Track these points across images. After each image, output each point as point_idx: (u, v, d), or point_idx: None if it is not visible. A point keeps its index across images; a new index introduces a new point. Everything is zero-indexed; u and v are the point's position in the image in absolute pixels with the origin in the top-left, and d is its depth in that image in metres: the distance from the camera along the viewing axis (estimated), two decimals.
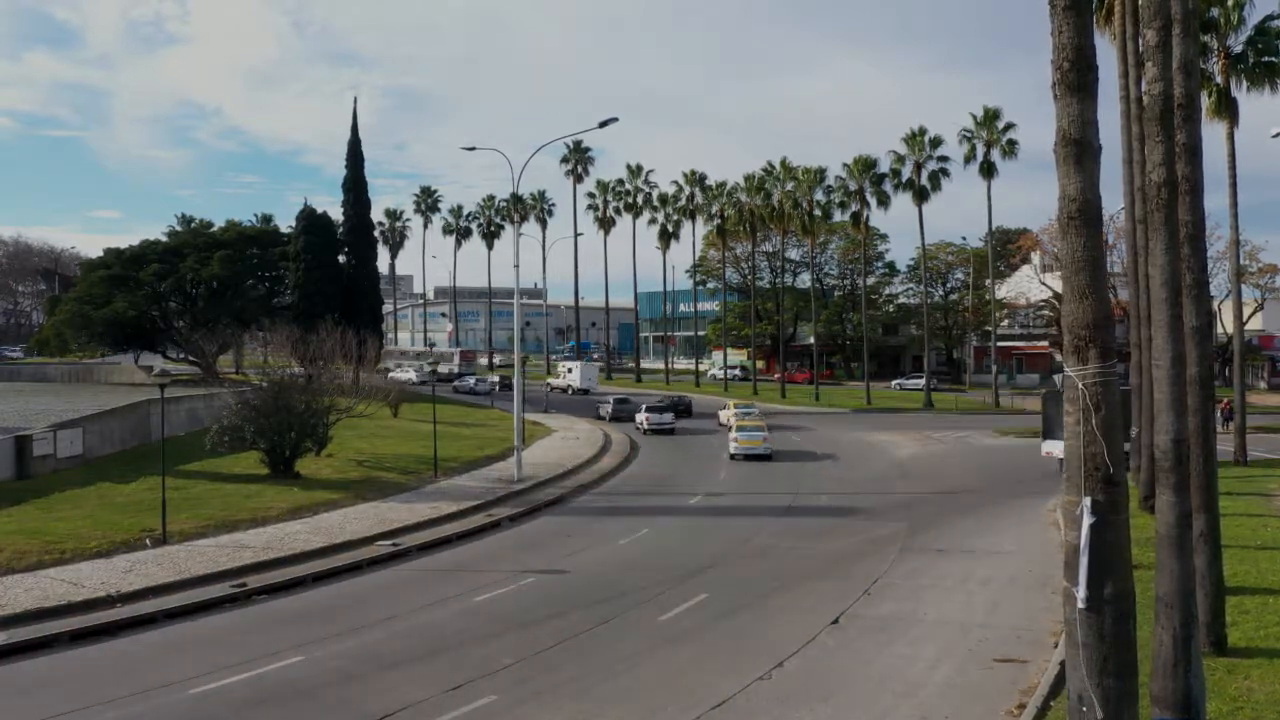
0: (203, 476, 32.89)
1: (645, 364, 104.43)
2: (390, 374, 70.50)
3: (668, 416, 53.09)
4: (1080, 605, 8.40)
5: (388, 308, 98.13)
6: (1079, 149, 8.39)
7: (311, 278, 68.62)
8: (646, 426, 52.14)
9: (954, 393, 77.69)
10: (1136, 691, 8.72)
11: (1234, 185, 34.33)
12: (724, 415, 54.62)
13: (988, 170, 65.71)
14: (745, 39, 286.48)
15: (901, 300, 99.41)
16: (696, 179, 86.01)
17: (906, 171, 69.21)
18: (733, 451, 42.46)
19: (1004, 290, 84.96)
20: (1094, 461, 8.33)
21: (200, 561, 22.19)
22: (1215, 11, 31.54)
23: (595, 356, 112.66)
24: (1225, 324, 62.73)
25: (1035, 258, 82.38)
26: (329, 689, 14.79)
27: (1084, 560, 8.35)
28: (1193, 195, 13.66)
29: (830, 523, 27.92)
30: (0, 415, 45.08)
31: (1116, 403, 8.46)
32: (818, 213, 76.25)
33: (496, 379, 78.88)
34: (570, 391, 77.54)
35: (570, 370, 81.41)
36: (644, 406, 54.95)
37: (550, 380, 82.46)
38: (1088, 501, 8.37)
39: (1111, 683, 8.33)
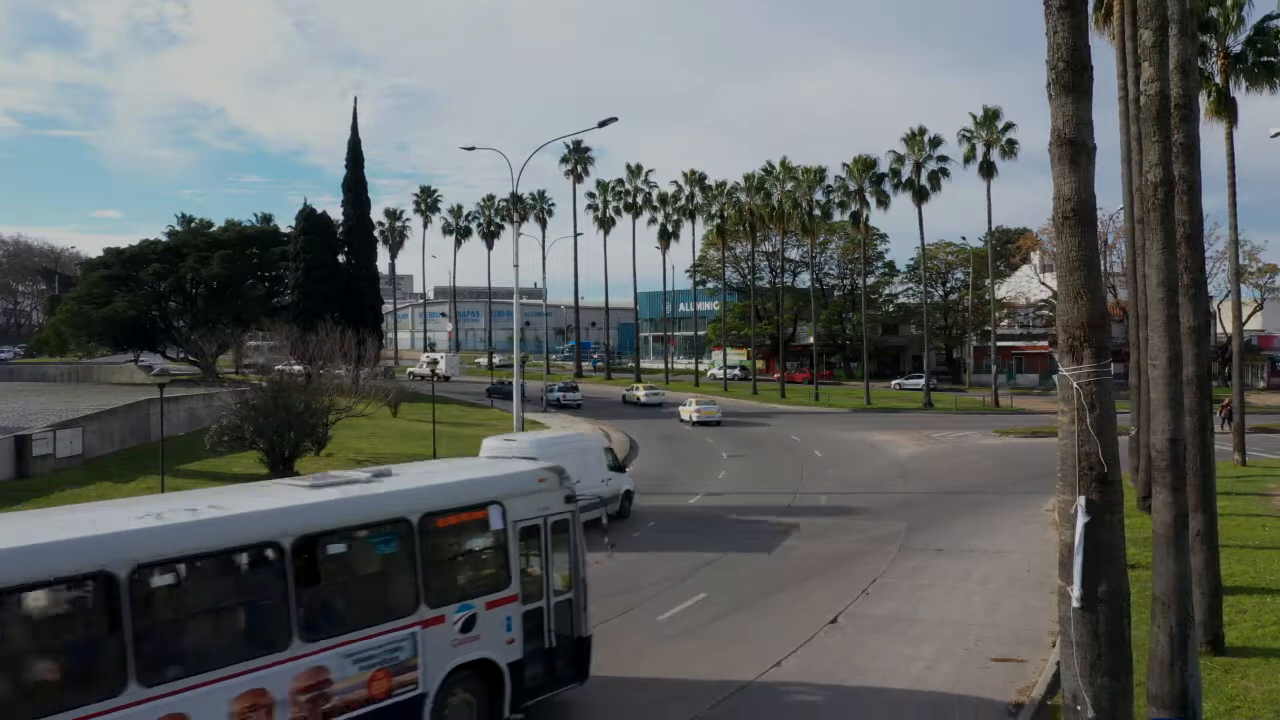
0: (202, 476, 32.91)
1: (645, 364, 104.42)
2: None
3: (577, 394, 68.47)
4: (1075, 604, 8.43)
5: (387, 308, 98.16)
6: (1074, 149, 8.42)
7: (311, 277, 68.70)
8: (564, 401, 66.24)
9: (954, 393, 77.71)
10: (1131, 690, 8.74)
11: (1233, 185, 34.31)
12: (639, 394, 71.04)
13: (987, 170, 65.79)
14: (745, 39, 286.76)
15: (901, 300, 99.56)
16: (696, 179, 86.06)
17: (906, 171, 69.28)
18: (694, 420, 55.54)
19: (1004, 290, 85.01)
20: (1088, 460, 8.36)
21: None
22: (1214, 11, 31.52)
23: (596, 356, 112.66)
24: (1225, 324, 62.77)
25: (1035, 257, 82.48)
26: None
27: (1078, 559, 8.38)
28: (1190, 195, 13.67)
29: (829, 522, 27.94)
30: (0, 415, 45.11)
31: (1111, 402, 8.49)
32: (817, 213, 76.31)
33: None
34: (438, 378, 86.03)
35: (437, 360, 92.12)
36: (557, 387, 69.09)
37: (411, 369, 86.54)
38: (1082, 500, 8.39)
39: (1106, 681, 8.36)
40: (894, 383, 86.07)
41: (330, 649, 10.51)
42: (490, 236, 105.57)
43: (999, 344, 76.09)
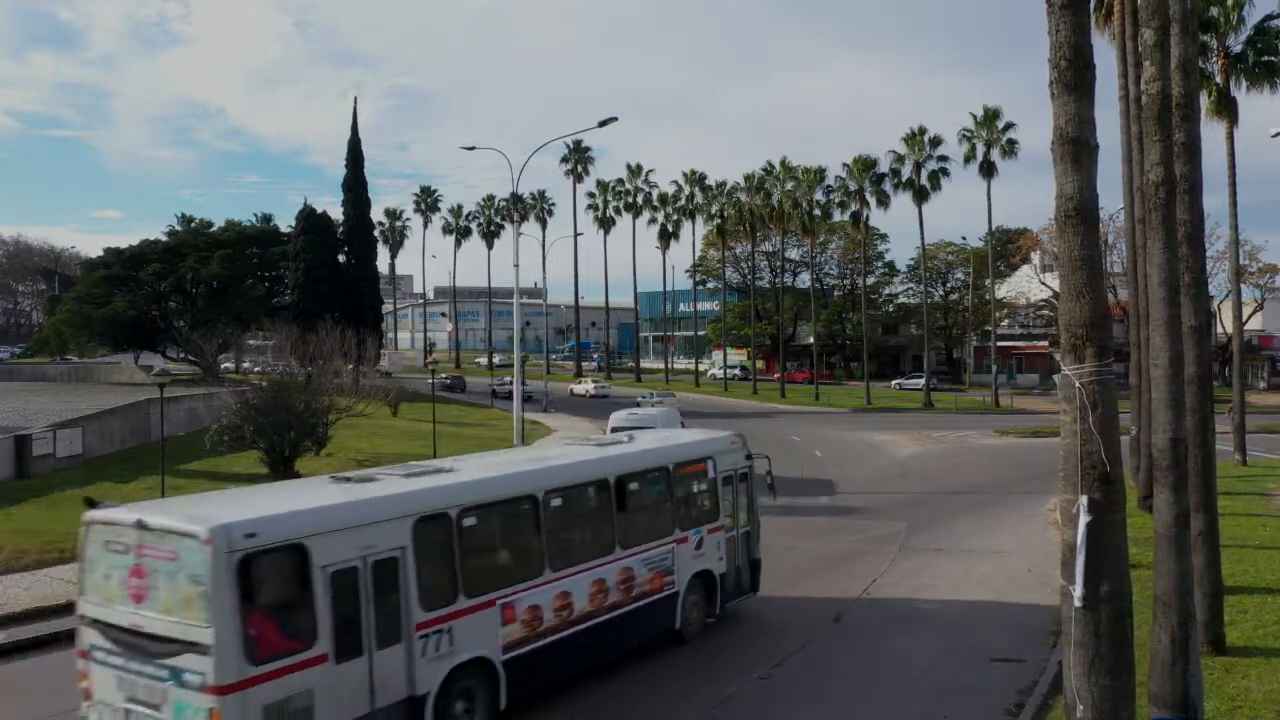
0: (202, 476, 32.88)
1: (645, 364, 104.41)
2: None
3: (525, 388, 72.43)
4: (1076, 604, 8.41)
5: (387, 307, 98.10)
6: (1076, 147, 8.40)
7: (311, 277, 68.65)
8: (498, 391, 71.49)
9: (954, 392, 77.71)
10: (1133, 690, 8.72)
11: (1233, 185, 34.29)
12: (588, 388, 76.32)
13: (988, 170, 65.76)
14: (746, 39, 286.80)
15: (901, 300, 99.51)
16: (696, 179, 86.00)
17: (906, 171, 69.26)
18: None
19: (1004, 290, 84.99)
20: (1091, 460, 8.33)
21: None
22: (1215, 11, 31.51)
23: (595, 356, 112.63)
24: (1225, 324, 62.75)
25: (1035, 257, 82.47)
26: None
27: (1080, 558, 8.36)
28: (1191, 194, 13.66)
29: (830, 522, 27.91)
30: (0, 414, 45.06)
31: (1113, 401, 8.47)
32: (818, 212, 76.28)
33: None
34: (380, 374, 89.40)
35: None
36: (506, 381, 71.93)
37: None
38: (1084, 500, 8.37)
39: (1108, 681, 8.34)
40: (894, 383, 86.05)
41: (634, 555, 15.21)
42: (490, 236, 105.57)
43: (999, 344, 76.08)
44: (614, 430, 33.99)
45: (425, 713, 11.48)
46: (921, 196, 68.72)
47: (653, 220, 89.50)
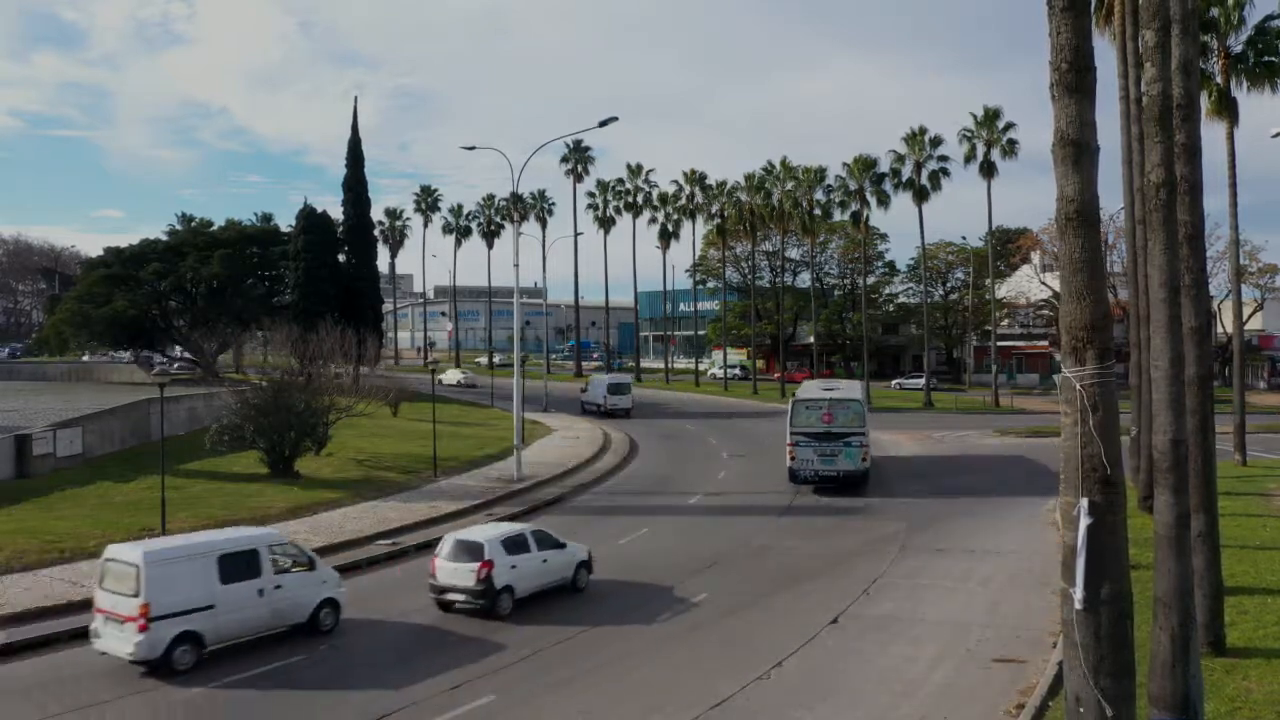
0: (202, 476, 32.91)
1: (645, 364, 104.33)
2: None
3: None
4: (1077, 605, 8.42)
5: (387, 307, 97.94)
6: (1077, 149, 8.40)
7: (311, 277, 68.51)
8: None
9: (954, 392, 77.62)
10: (1134, 691, 8.73)
11: (1234, 185, 34.28)
12: (457, 379, 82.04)
13: (988, 170, 65.63)
14: (746, 39, 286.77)
15: (901, 300, 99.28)
16: (696, 178, 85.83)
17: (906, 171, 69.13)
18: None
19: (1004, 290, 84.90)
20: (1091, 462, 8.34)
21: None
22: (1215, 11, 31.49)
23: (595, 356, 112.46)
24: (1225, 324, 62.76)
25: (1035, 257, 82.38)
26: (328, 688, 14.81)
27: (1081, 561, 8.37)
28: (1192, 195, 13.67)
29: (830, 522, 27.93)
30: (0, 414, 45.03)
31: (1114, 403, 8.47)
32: (818, 212, 76.10)
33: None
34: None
35: None
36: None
37: None
38: (1084, 502, 8.38)
39: (1108, 683, 8.35)
40: (894, 382, 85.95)
41: (867, 435, 33.51)
42: (490, 236, 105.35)
43: (999, 344, 76.01)
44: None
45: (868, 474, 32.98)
46: (921, 196, 68.63)
47: (653, 220, 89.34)
